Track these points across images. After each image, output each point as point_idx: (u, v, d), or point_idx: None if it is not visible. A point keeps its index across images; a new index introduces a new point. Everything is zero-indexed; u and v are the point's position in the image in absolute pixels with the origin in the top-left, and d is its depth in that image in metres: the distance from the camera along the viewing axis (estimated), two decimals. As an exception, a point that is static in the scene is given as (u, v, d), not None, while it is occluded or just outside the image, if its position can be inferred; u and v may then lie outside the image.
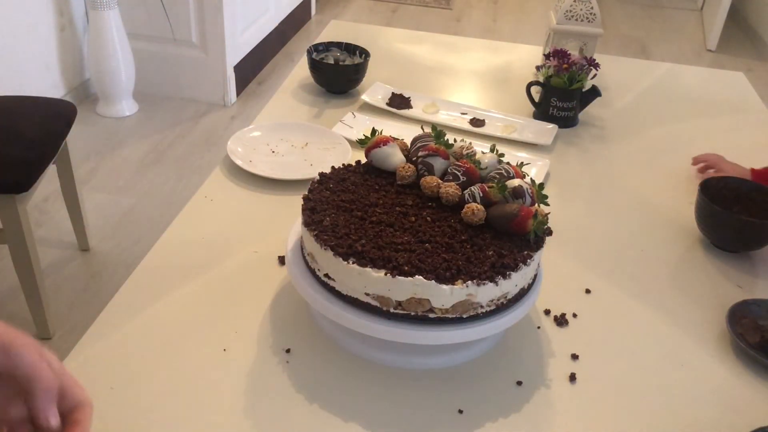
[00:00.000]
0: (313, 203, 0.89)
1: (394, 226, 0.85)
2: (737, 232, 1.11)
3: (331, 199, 0.90)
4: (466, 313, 0.80)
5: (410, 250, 0.81)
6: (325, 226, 0.84)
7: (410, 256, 0.80)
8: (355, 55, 1.58)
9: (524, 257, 0.83)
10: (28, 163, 1.74)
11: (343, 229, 0.84)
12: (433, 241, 0.83)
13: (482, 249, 0.83)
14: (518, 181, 0.89)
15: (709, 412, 0.85)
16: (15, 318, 2.00)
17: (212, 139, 3.01)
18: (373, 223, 0.86)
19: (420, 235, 0.84)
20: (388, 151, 0.96)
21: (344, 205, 0.89)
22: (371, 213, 0.88)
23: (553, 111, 1.47)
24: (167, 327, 0.90)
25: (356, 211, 0.88)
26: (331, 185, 0.93)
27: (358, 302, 0.81)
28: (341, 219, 0.86)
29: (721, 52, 4.43)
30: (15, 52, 2.69)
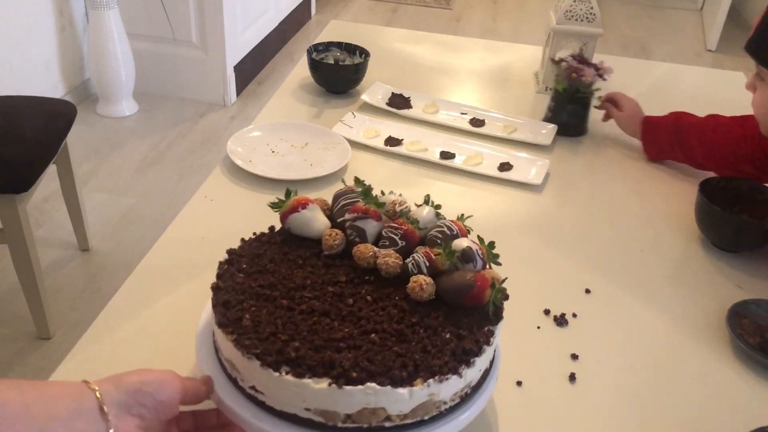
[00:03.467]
0: (225, 294, 0.72)
1: (330, 314, 0.70)
2: (737, 232, 1.11)
3: (247, 285, 0.74)
4: (428, 415, 0.68)
5: (355, 347, 0.67)
6: (245, 327, 0.68)
7: (356, 356, 0.65)
8: (355, 55, 1.58)
9: (486, 336, 0.70)
10: (28, 163, 1.74)
11: (268, 327, 0.68)
12: (379, 329, 0.69)
13: (437, 332, 0.70)
14: (466, 241, 0.77)
15: (709, 412, 0.85)
16: (15, 318, 2.00)
17: (212, 139, 3.01)
18: (304, 313, 0.70)
19: (363, 323, 0.70)
20: (308, 215, 0.82)
21: (264, 292, 0.72)
22: (299, 299, 0.72)
23: (567, 118, 1.45)
24: (167, 327, 0.90)
25: (280, 298, 0.72)
26: (244, 266, 0.77)
27: (297, 418, 0.66)
28: (264, 313, 0.70)
29: (721, 52, 4.43)
30: (15, 52, 2.69)
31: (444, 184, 1.26)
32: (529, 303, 0.99)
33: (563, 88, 1.43)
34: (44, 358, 1.89)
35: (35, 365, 1.87)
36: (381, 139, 1.36)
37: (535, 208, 1.22)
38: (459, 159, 1.32)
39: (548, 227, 1.17)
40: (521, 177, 1.28)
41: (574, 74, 1.40)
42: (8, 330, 1.97)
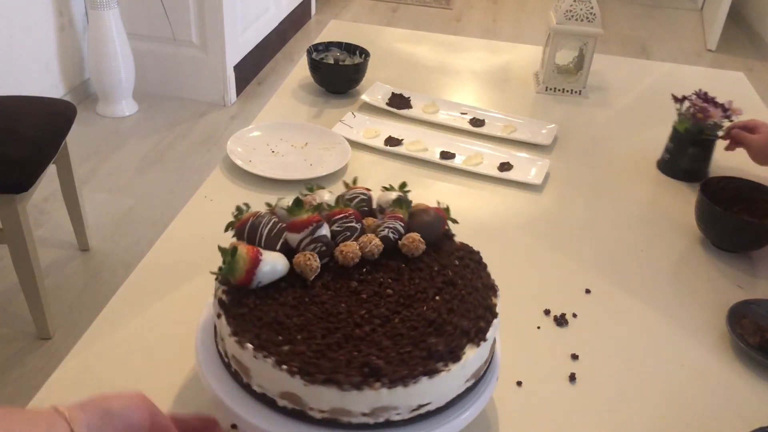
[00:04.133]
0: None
1: (384, 324, 0.70)
2: (737, 232, 1.11)
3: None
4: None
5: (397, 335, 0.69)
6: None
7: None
8: (355, 55, 1.58)
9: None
10: (28, 163, 1.74)
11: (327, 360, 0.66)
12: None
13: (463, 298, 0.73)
14: (391, 193, 0.86)
15: (709, 412, 0.85)
16: (15, 318, 2.00)
17: (212, 139, 3.01)
18: (358, 339, 0.68)
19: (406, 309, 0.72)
20: (269, 260, 0.73)
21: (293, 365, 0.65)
22: (342, 332, 0.69)
23: (688, 162, 1.32)
24: (167, 327, 0.90)
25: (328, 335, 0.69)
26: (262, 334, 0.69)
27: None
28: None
29: (721, 52, 4.43)
30: (15, 52, 2.69)
31: (444, 184, 1.26)
32: (529, 303, 0.99)
33: (685, 128, 1.31)
34: (44, 358, 1.89)
35: (35, 365, 1.87)
36: (381, 139, 1.36)
37: (535, 208, 1.22)
38: (459, 159, 1.32)
39: (548, 227, 1.17)
40: (521, 177, 1.28)
41: (700, 115, 1.28)
42: (8, 330, 1.97)
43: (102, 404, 0.60)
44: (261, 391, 0.68)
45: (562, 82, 1.62)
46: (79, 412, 0.58)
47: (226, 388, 0.70)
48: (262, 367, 0.65)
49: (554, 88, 1.63)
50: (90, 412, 0.59)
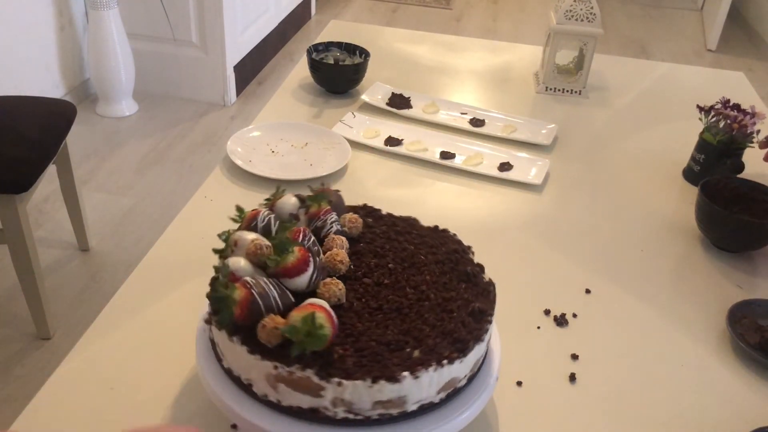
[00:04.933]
0: None
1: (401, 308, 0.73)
2: (737, 232, 1.11)
3: None
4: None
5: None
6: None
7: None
8: (355, 55, 1.58)
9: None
10: (28, 163, 1.74)
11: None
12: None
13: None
14: (287, 204, 0.82)
15: (709, 412, 0.85)
16: (15, 318, 2.00)
17: (212, 139, 3.01)
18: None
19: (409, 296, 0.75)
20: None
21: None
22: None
23: (722, 174, 1.24)
24: (167, 327, 0.90)
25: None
26: None
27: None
28: None
29: (721, 52, 4.43)
30: (15, 52, 2.69)
31: (444, 184, 1.26)
32: (529, 303, 0.99)
33: (719, 140, 1.27)
34: (44, 358, 1.89)
35: (35, 365, 1.87)
36: (381, 139, 1.36)
37: (535, 208, 1.22)
38: (459, 159, 1.32)
39: (548, 227, 1.17)
40: (521, 177, 1.28)
41: (735, 125, 1.25)
42: (8, 330, 1.97)
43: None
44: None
45: (562, 82, 1.62)
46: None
47: (225, 388, 0.70)
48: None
49: (554, 88, 1.63)
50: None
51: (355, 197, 1.19)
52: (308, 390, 0.64)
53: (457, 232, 0.87)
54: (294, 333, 0.63)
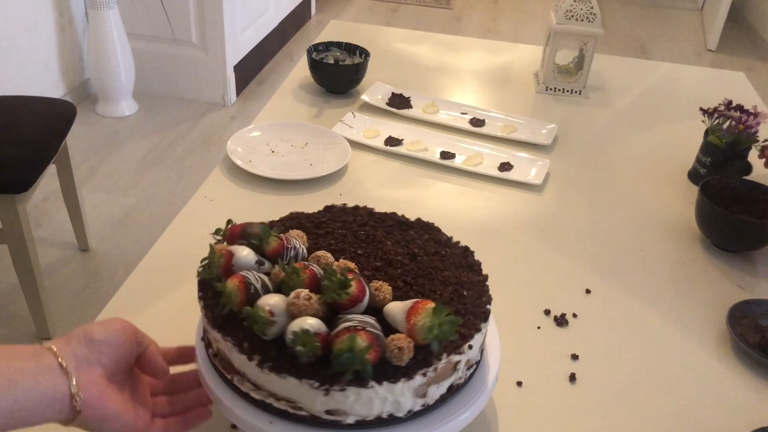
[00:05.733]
0: None
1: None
2: (737, 232, 1.11)
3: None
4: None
5: None
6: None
7: None
8: (355, 55, 1.58)
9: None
10: (28, 163, 1.74)
11: None
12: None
13: None
14: (244, 248, 0.73)
15: (709, 412, 0.85)
16: (15, 318, 2.00)
17: (212, 139, 3.01)
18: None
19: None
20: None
21: None
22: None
23: (728, 176, 1.22)
24: (167, 327, 0.90)
25: None
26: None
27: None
28: None
29: (721, 52, 4.43)
30: (15, 52, 2.69)
31: (444, 184, 1.26)
32: (529, 303, 0.99)
33: (726, 142, 1.26)
34: (44, 358, 1.89)
35: (35, 365, 1.87)
36: (381, 139, 1.36)
37: (535, 208, 1.22)
38: (459, 159, 1.32)
39: (548, 227, 1.17)
40: (521, 177, 1.28)
41: (741, 127, 1.24)
42: (8, 330, 1.97)
43: (85, 334, 0.63)
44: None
45: (562, 82, 1.62)
46: (64, 344, 0.62)
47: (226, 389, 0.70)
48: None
49: (554, 88, 1.63)
50: (73, 343, 0.62)
51: (355, 197, 1.19)
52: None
53: (457, 231, 0.87)
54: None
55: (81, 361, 0.61)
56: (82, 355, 0.61)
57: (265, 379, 0.65)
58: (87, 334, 0.63)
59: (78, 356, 0.61)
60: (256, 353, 0.65)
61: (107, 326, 0.65)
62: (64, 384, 0.59)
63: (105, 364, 0.63)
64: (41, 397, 0.57)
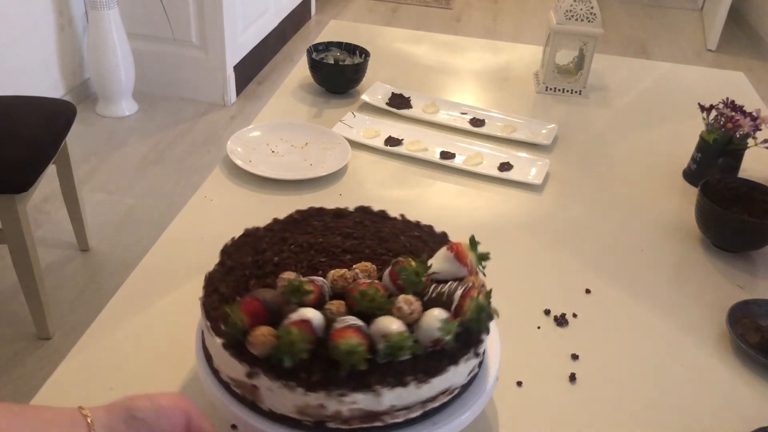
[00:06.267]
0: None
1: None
2: (737, 232, 1.11)
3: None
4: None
5: None
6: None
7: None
8: (355, 55, 1.58)
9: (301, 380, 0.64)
10: (28, 163, 1.74)
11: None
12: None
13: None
14: (311, 312, 0.67)
15: (709, 412, 0.85)
16: (15, 318, 2.00)
17: (212, 139, 3.01)
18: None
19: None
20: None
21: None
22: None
23: (716, 173, 1.24)
24: (167, 327, 0.90)
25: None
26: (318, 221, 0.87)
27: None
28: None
29: (721, 52, 4.43)
30: (15, 52, 2.69)
31: (444, 184, 1.26)
32: (529, 303, 0.99)
33: (714, 139, 1.27)
34: (44, 358, 1.89)
35: (35, 365, 1.87)
36: (381, 139, 1.36)
37: (535, 208, 1.22)
38: (459, 159, 1.32)
39: (548, 227, 1.17)
40: (521, 177, 1.28)
41: (729, 124, 1.26)
42: (8, 330, 1.97)
43: (128, 407, 0.58)
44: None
45: (562, 82, 1.62)
46: (102, 414, 0.57)
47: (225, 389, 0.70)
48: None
49: (554, 88, 1.63)
50: (114, 415, 0.57)
51: (356, 197, 1.19)
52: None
53: (457, 231, 0.87)
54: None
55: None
56: (117, 430, 0.57)
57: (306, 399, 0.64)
58: (131, 409, 0.58)
59: (112, 430, 0.57)
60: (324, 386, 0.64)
61: (156, 403, 0.59)
62: None
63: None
64: None
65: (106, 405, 0.58)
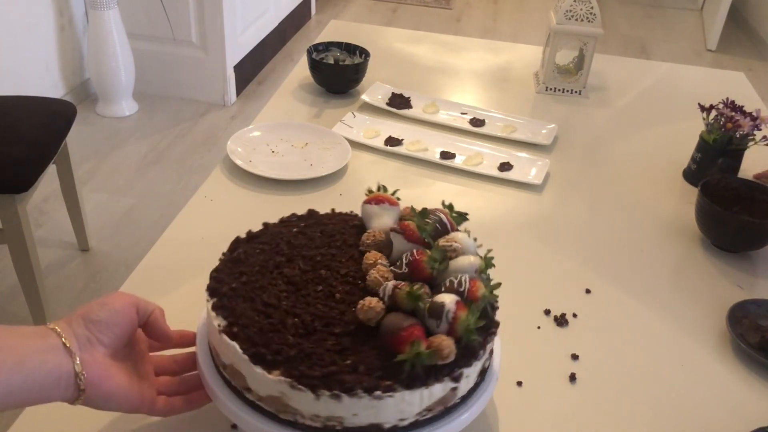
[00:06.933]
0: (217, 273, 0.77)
1: (299, 287, 0.74)
2: (737, 232, 1.11)
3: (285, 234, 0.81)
4: (283, 414, 0.67)
5: (278, 322, 0.70)
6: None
7: (262, 326, 0.69)
8: (355, 55, 1.58)
9: (376, 386, 0.63)
10: (28, 163, 1.74)
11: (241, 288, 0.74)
12: (302, 318, 0.70)
13: (342, 351, 0.67)
14: (448, 299, 0.68)
15: (708, 412, 0.85)
16: (15, 318, 2.00)
17: (212, 139, 3.01)
18: (282, 275, 0.76)
19: (304, 308, 0.72)
20: (375, 211, 0.83)
21: (287, 248, 0.79)
22: (294, 264, 0.77)
23: (716, 173, 1.25)
24: (167, 327, 0.90)
25: (283, 256, 0.78)
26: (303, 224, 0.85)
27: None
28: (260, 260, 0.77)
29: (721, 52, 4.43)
30: (15, 52, 2.69)
31: (444, 184, 1.26)
32: (529, 303, 0.99)
33: (714, 139, 1.27)
34: (44, 358, 1.89)
35: (35, 365, 1.87)
36: (381, 139, 1.36)
37: (535, 208, 1.22)
38: (459, 159, 1.32)
39: (548, 227, 1.17)
40: (521, 177, 1.28)
41: (729, 125, 1.25)
42: (8, 330, 1.97)
43: (84, 315, 0.65)
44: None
45: (562, 82, 1.62)
46: (66, 326, 0.63)
47: (225, 389, 0.70)
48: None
49: (554, 88, 1.63)
50: (74, 324, 0.64)
51: (356, 197, 1.19)
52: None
53: (457, 232, 0.87)
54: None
55: (82, 341, 0.63)
56: (83, 336, 0.63)
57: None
58: (86, 315, 0.64)
59: (79, 337, 0.63)
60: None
61: (106, 306, 0.66)
62: (69, 363, 0.60)
63: (106, 343, 0.65)
64: (48, 375, 0.59)
65: (64, 319, 0.64)
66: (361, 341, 0.68)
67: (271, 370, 0.64)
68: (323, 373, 0.64)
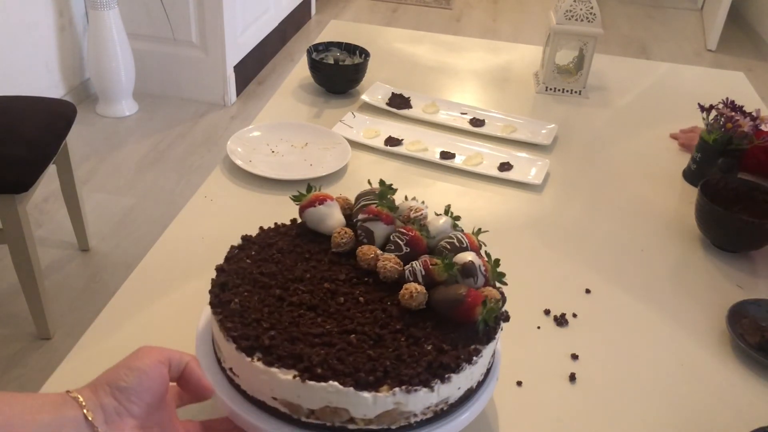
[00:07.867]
0: (225, 276, 0.75)
1: (318, 309, 0.71)
2: (737, 232, 1.11)
3: (250, 270, 0.76)
4: (395, 424, 0.66)
5: (329, 344, 0.67)
6: (232, 310, 0.70)
7: (328, 353, 0.65)
8: (355, 55, 1.58)
9: (469, 354, 0.67)
10: (28, 163, 1.74)
11: (254, 313, 0.69)
12: (360, 330, 0.69)
13: (419, 342, 0.68)
14: (470, 255, 0.73)
15: (708, 411, 0.85)
16: (15, 318, 2.00)
17: (212, 139, 3.01)
18: (293, 305, 0.71)
19: (346, 323, 0.70)
20: (324, 211, 0.82)
21: (263, 279, 0.74)
22: (293, 291, 0.73)
23: (717, 173, 1.25)
24: (167, 327, 0.90)
25: (276, 288, 0.73)
26: (253, 252, 0.79)
27: (266, 406, 0.67)
28: (254, 299, 0.71)
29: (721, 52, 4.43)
30: (15, 52, 2.69)
31: (444, 184, 1.26)
32: (529, 303, 0.99)
33: (714, 139, 1.27)
34: (44, 358, 1.89)
35: (35, 365, 1.87)
36: (381, 139, 1.36)
37: (535, 208, 1.22)
38: (459, 159, 1.32)
39: (548, 227, 1.17)
40: (521, 177, 1.28)
41: (729, 124, 1.25)
42: (8, 330, 1.97)
43: (111, 382, 0.58)
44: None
45: (562, 82, 1.62)
46: (90, 394, 0.57)
47: (225, 389, 0.70)
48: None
49: (554, 88, 1.63)
50: (101, 393, 0.57)
51: (355, 197, 1.19)
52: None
53: (457, 232, 0.87)
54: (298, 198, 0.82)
55: (109, 412, 0.56)
56: (110, 407, 0.57)
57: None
58: (113, 381, 0.58)
59: (106, 408, 0.56)
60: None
61: (135, 368, 0.59)
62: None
63: (136, 414, 0.58)
64: None
65: (89, 385, 0.58)
66: (421, 326, 0.71)
67: (378, 388, 0.64)
68: (428, 363, 0.66)
